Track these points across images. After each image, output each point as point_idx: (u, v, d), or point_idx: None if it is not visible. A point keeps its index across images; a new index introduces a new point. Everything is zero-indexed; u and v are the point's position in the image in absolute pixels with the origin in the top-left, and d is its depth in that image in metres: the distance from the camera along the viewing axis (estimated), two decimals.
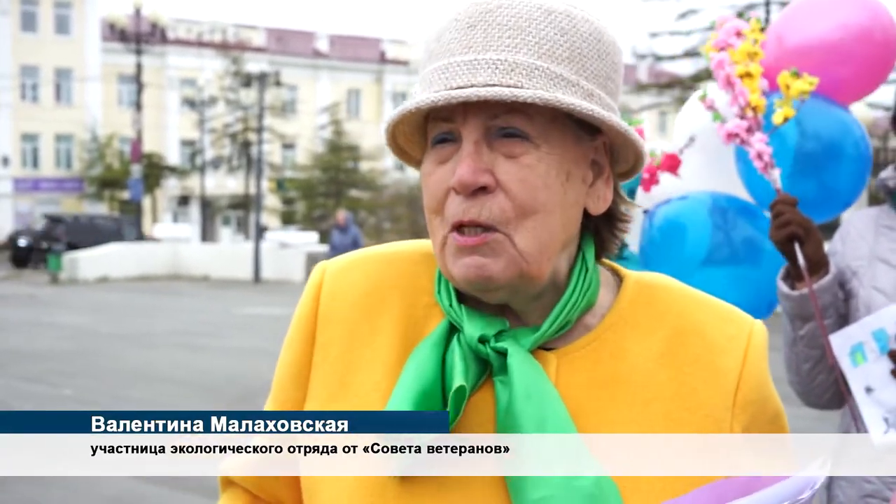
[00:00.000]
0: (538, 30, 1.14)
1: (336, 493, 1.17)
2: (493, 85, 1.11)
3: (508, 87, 1.11)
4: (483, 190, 1.13)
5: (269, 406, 1.29)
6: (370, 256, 1.30)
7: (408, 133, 1.23)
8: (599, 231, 1.24)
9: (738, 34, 2.69)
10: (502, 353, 1.16)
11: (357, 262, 1.29)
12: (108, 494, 6.84)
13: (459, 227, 1.15)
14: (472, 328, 1.17)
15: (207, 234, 45.54)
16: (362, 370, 1.22)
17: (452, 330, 1.20)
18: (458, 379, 1.13)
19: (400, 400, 1.13)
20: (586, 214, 1.21)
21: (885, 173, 2.49)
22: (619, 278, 1.27)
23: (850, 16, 2.78)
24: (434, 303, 1.24)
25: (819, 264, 2.42)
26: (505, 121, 1.13)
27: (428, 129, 1.19)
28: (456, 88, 1.12)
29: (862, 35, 2.75)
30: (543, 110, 1.13)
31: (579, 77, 1.15)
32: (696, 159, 3.03)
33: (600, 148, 1.20)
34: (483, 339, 1.17)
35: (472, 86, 1.12)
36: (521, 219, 1.14)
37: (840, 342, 2.37)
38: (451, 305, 1.20)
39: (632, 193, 2.88)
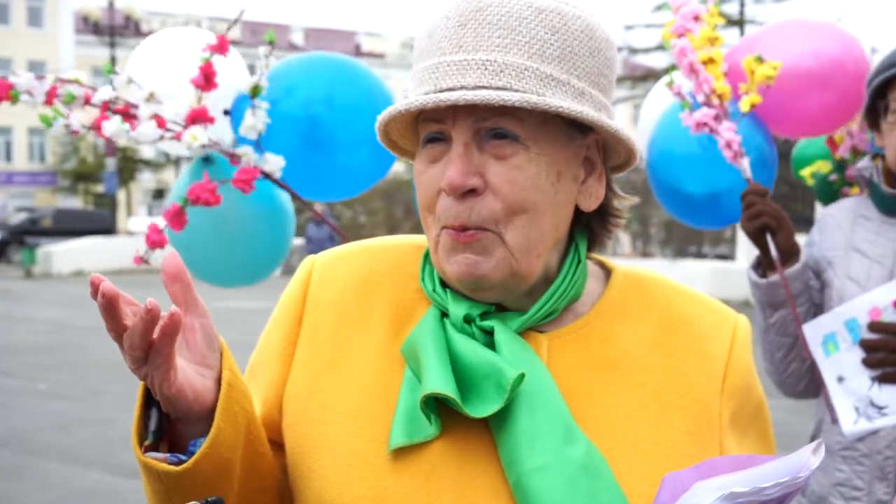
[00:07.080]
0: (528, 29, 1.13)
1: (331, 464, 1.17)
2: (483, 87, 1.11)
3: (497, 89, 1.11)
4: (472, 192, 1.14)
5: (250, 385, 1.26)
6: (362, 248, 1.31)
7: (400, 129, 1.23)
8: (592, 226, 1.25)
9: (696, 18, 2.65)
10: (488, 333, 1.17)
11: (348, 253, 1.31)
12: (82, 487, 6.80)
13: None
14: (457, 309, 1.18)
15: None
16: (354, 350, 1.23)
17: (444, 315, 1.21)
18: (509, 368, 1.12)
19: (443, 382, 1.12)
20: (579, 209, 1.22)
21: (862, 164, 2.50)
22: (606, 270, 1.29)
23: (824, 44, 2.71)
24: (421, 288, 1.25)
25: (790, 253, 2.43)
26: (494, 123, 1.13)
27: (419, 128, 1.20)
28: (446, 90, 1.12)
29: (836, 64, 2.68)
30: (534, 112, 1.12)
31: (570, 76, 1.15)
32: None
33: (592, 145, 1.20)
34: (468, 319, 1.18)
35: (461, 87, 1.12)
36: (511, 218, 1.14)
37: (812, 332, 2.38)
38: (434, 290, 1.22)
39: None
